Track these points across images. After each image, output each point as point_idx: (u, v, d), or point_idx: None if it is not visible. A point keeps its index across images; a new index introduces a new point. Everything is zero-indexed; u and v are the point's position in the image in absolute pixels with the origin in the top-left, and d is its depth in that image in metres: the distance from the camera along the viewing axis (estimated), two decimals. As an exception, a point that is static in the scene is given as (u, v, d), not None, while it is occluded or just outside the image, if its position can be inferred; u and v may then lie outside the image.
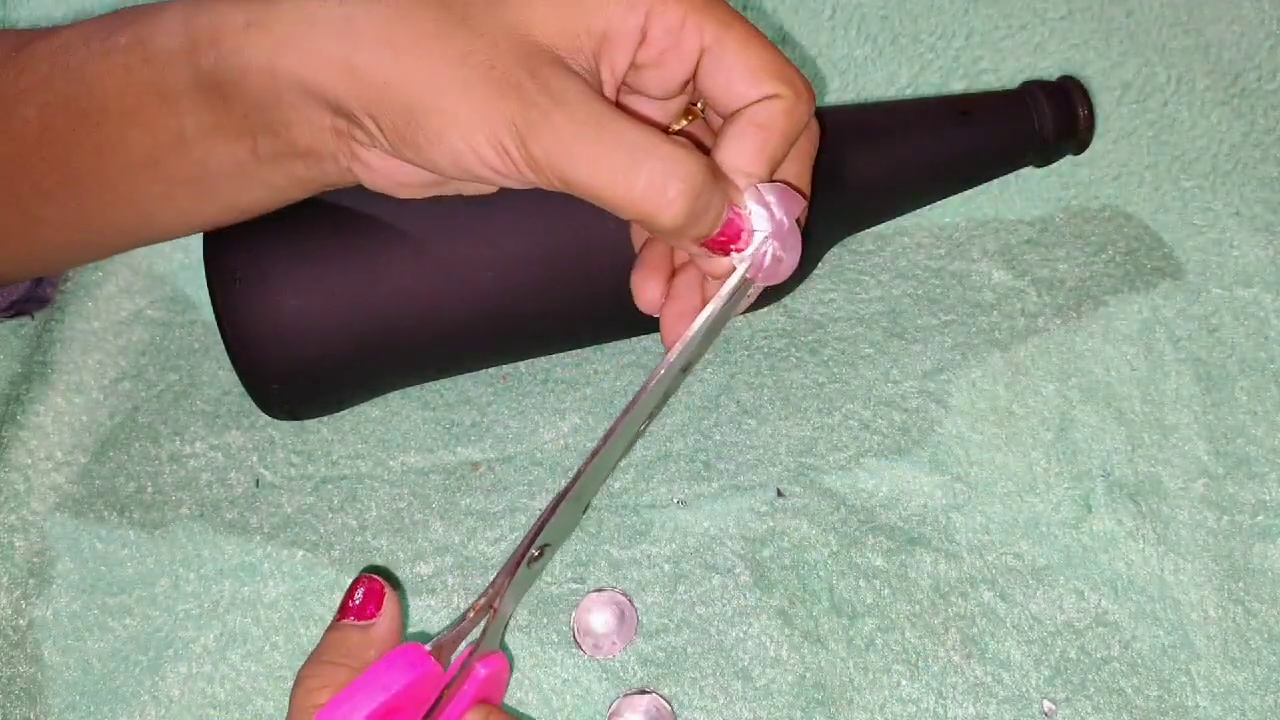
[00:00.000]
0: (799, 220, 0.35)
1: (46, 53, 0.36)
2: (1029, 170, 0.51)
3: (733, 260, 0.34)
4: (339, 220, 0.41)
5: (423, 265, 0.41)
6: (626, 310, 0.44)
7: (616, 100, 0.34)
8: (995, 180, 0.52)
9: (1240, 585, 0.45)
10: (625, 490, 0.46)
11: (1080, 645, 0.43)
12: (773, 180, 0.34)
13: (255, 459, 0.47)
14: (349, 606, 0.36)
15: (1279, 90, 0.56)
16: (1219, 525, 0.46)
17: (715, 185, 0.32)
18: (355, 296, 0.41)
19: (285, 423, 0.47)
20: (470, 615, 0.36)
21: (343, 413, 0.47)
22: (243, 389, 0.42)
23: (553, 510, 0.35)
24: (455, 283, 0.41)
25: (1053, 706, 0.42)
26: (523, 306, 0.43)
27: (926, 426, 0.48)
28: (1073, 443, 0.47)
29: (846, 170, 0.46)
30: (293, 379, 0.42)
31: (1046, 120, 0.48)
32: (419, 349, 0.43)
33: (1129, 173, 0.55)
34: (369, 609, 0.36)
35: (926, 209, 0.53)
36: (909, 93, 0.56)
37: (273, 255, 0.40)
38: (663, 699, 0.42)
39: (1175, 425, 0.48)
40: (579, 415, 0.48)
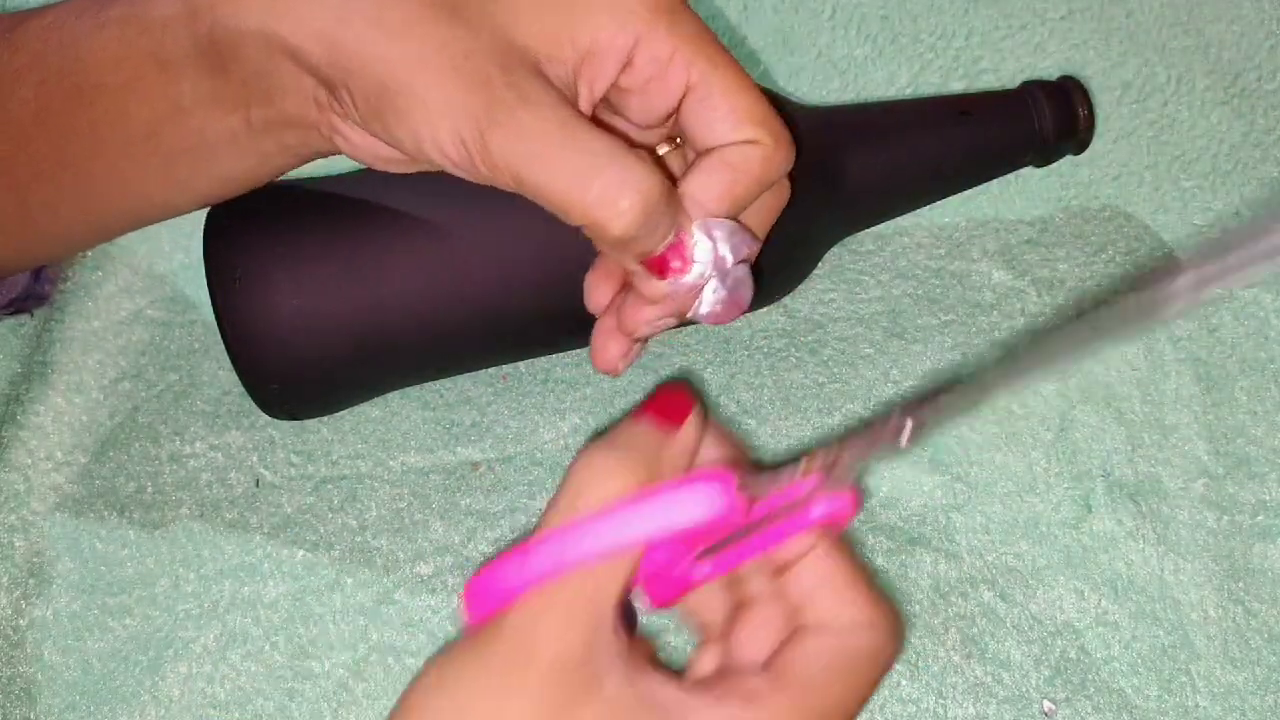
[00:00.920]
0: (748, 262, 0.34)
1: (39, 30, 0.36)
2: (1029, 170, 0.51)
3: (664, 287, 0.33)
4: (339, 220, 0.41)
5: (423, 265, 0.41)
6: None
7: (592, 117, 0.34)
8: (995, 180, 0.52)
9: (1240, 585, 0.45)
10: (625, 490, 0.46)
11: (1080, 645, 0.43)
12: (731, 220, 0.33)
13: (255, 459, 0.47)
14: (650, 406, 0.32)
15: (1279, 90, 0.56)
16: (1219, 525, 0.46)
17: (668, 205, 0.32)
18: (355, 296, 0.41)
19: (285, 423, 0.47)
20: (800, 473, 0.30)
21: (343, 413, 0.47)
22: (243, 389, 0.42)
23: (947, 389, 0.29)
24: (456, 282, 0.41)
25: (1053, 706, 0.42)
26: (523, 306, 0.43)
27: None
28: (1073, 443, 0.47)
29: (846, 170, 0.46)
30: (292, 378, 0.42)
31: (1046, 120, 0.48)
32: (419, 349, 0.43)
33: (1129, 173, 0.55)
34: (673, 417, 0.32)
35: (926, 209, 0.53)
36: (909, 93, 0.56)
37: (273, 254, 0.40)
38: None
39: (1175, 425, 0.48)
40: (579, 415, 0.48)
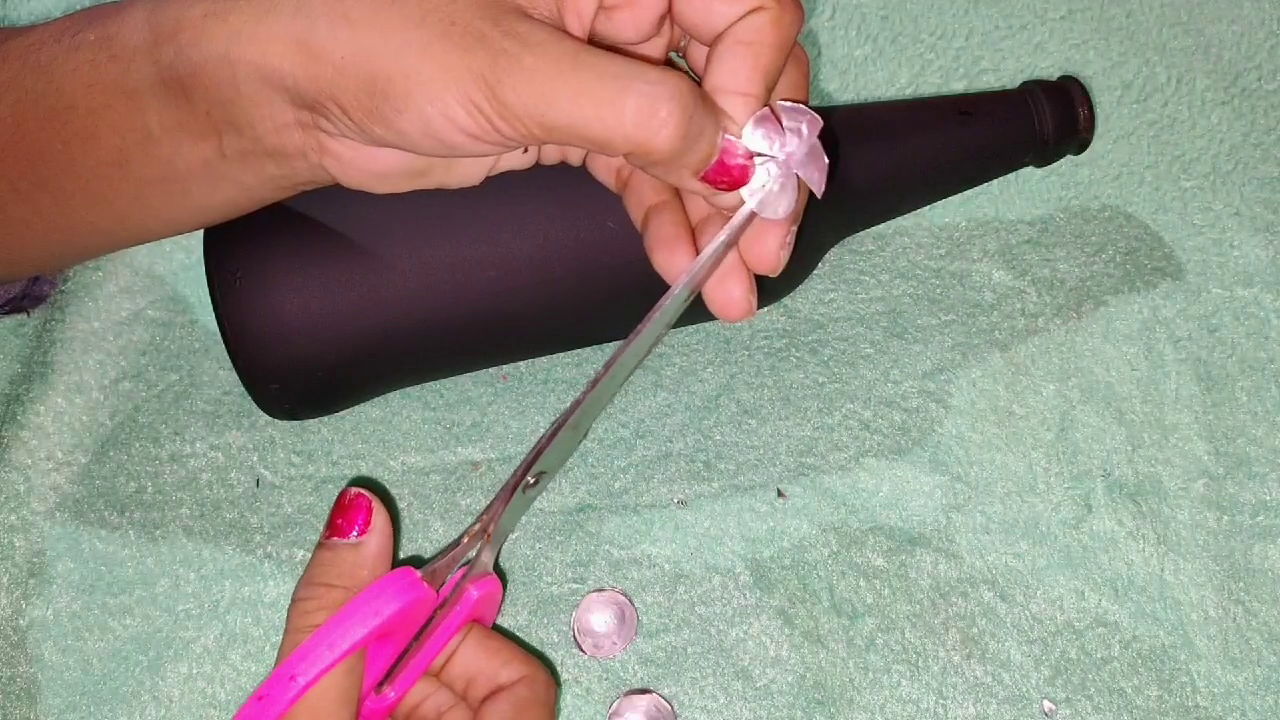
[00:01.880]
0: (812, 132, 0.33)
1: (18, 50, 0.36)
2: (1029, 170, 0.51)
3: (741, 194, 0.32)
4: (339, 220, 0.41)
5: (423, 265, 0.41)
6: (627, 310, 0.44)
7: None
8: (995, 180, 0.52)
9: (1240, 585, 0.45)
10: (625, 490, 0.46)
11: (1080, 645, 0.43)
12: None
13: (255, 459, 0.47)
14: (337, 524, 0.35)
15: (1279, 90, 0.56)
16: (1219, 525, 0.46)
17: (705, 106, 0.31)
18: (356, 296, 0.41)
19: (285, 423, 0.47)
20: (465, 540, 0.36)
21: (343, 413, 0.47)
22: (243, 389, 0.42)
23: (551, 437, 0.35)
24: (456, 283, 0.41)
25: (1053, 706, 0.42)
26: (523, 306, 0.43)
27: (926, 426, 0.48)
28: (1073, 443, 0.47)
29: (847, 170, 0.46)
30: (293, 379, 0.42)
31: (1047, 120, 0.48)
32: (419, 349, 0.43)
33: (1129, 173, 0.55)
34: (357, 526, 0.35)
35: (926, 209, 0.53)
36: (909, 93, 0.56)
37: (273, 255, 0.40)
38: (663, 699, 0.42)
39: (1175, 425, 0.48)
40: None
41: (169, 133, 0.34)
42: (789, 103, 0.32)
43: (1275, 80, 0.57)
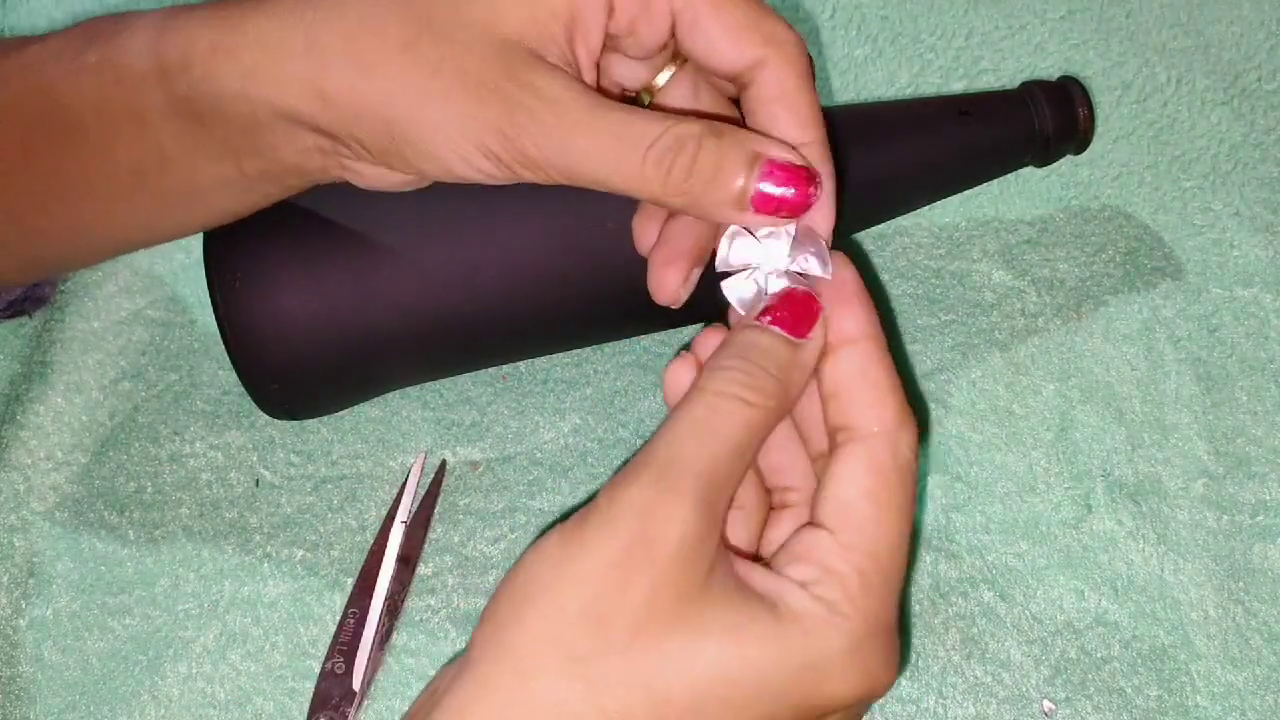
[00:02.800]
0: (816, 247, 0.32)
1: (18, 70, 0.35)
2: (1029, 170, 0.51)
3: (731, 301, 0.32)
4: (339, 221, 0.41)
5: (424, 265, 0.41)
6: (628, 310, 0.44)
7: (597, 72, 0.33)
8: (995, 180, 0.52)
9: (1240, 585, 0.45)
10: (625, 490, 0.46)
11: (1080, 645, 0.43)
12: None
13: (255, 459, 0.47)
14: (781, 315, 0.30)
15: (1279, 90, 0.56)
16: (1219, 525, 0.46)
17: (726, 145, 0.30)
18: (355, 296, 0.41)
19: (285, 423, 0.47)
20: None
21: (342, 413, 0.47)
22: (242, 389, 0.42)
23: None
24: (455, 283, 0.41)
25: (1053, 706, 0.42)
26: (523, 307, 0.43)
27: (926, 427, 0.48)
28: (1073, 443, 0.47)
29: (847, 171, 0.45)
30: (293, 379, 0.42)
31: (1047, 120, 0.48)
32: (419, 349, 0.43)
33: (1129, 173, 0.55)
34: (802, 326, 0.30)
35: (926, 209, 0.53)
36: (909, 93, 0.56)
37: (273, 255, 0.40)
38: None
39: (1175, 425, 0.48)
40: (579, 415, 0.48)
41: (185, 154, 0.34)
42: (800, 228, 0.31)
43: (1275, 80, 0.57)
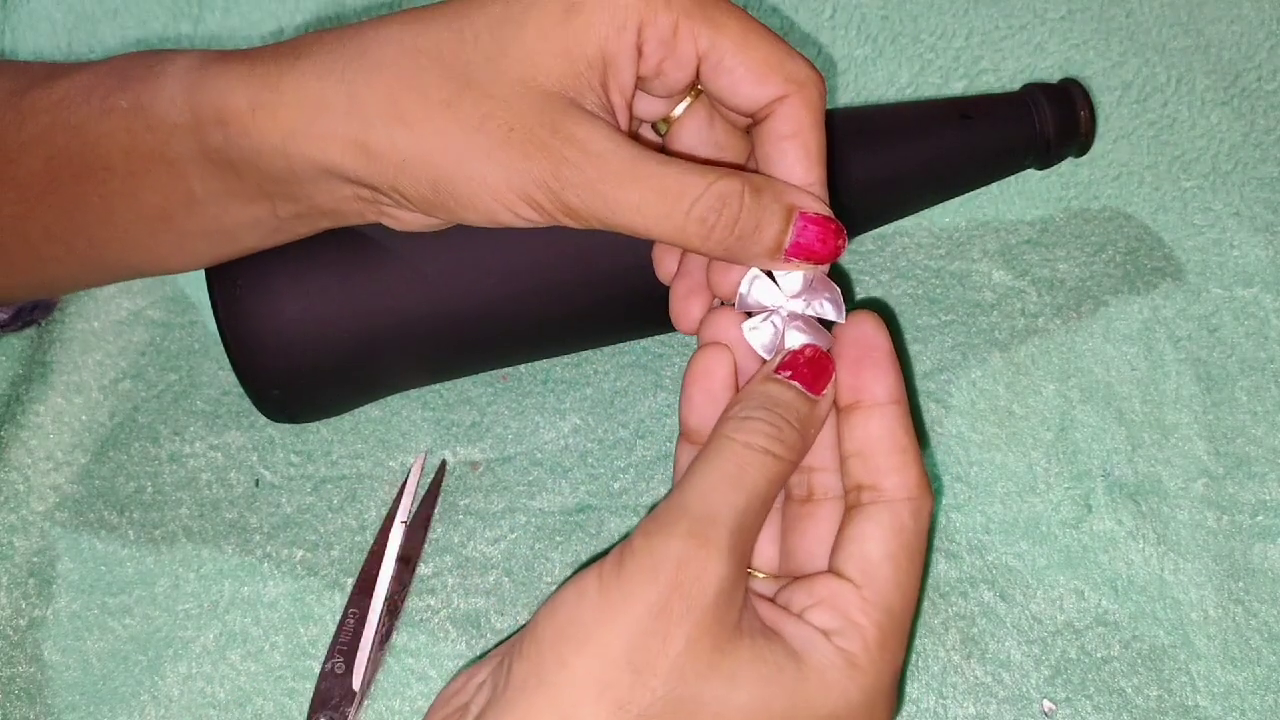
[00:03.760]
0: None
1: (47, 105, 0.35)
2: (1029, 171, 0.51)
3: (751, 344, 0.34)
4: (339, 227, 0.40)
5: (424, 271, 0.41)
6: (627, 313, 0.44)
7: (629, 113, 0.34)
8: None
9: (1240, 585, 0.45)
10: (625, 490, 0.46)
11: (1080, 645, 0.43)
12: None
13: (255, 459, 0.47)
14: (803, 371, 0.32)
15: (1279, 90, 0.56)
16: (1219, 525, 0.46)
17: (766, 196, 0.32)
18: (356, 302, 0.41)
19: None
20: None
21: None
22: (242, 390, 0.42)
23: None
24: (456, 288, 0.41)
25: (1053, 706, 0.42)
26: (523, 311, 0.43)
27: (926, 426, 0.48)
28: (1073, 443, 0.47)
29: (848, 173, 0.46)
30: (293, 384, 0.42)
31: (1048, 124, 0.48)
32: (420, 354, 0.43)
33: (1129, 173, 0.55)
34: (819, 383, 0.32)
35: (926, 209, 0.53)
36: (909, 93, 0.56)
37: (273, 261, 0.40)
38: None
39: (1175, 425, 0.48)
40: (579, 415, 0.48)
41: (215, 198, 0.34)
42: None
43: (1275, 80, 0.57)
